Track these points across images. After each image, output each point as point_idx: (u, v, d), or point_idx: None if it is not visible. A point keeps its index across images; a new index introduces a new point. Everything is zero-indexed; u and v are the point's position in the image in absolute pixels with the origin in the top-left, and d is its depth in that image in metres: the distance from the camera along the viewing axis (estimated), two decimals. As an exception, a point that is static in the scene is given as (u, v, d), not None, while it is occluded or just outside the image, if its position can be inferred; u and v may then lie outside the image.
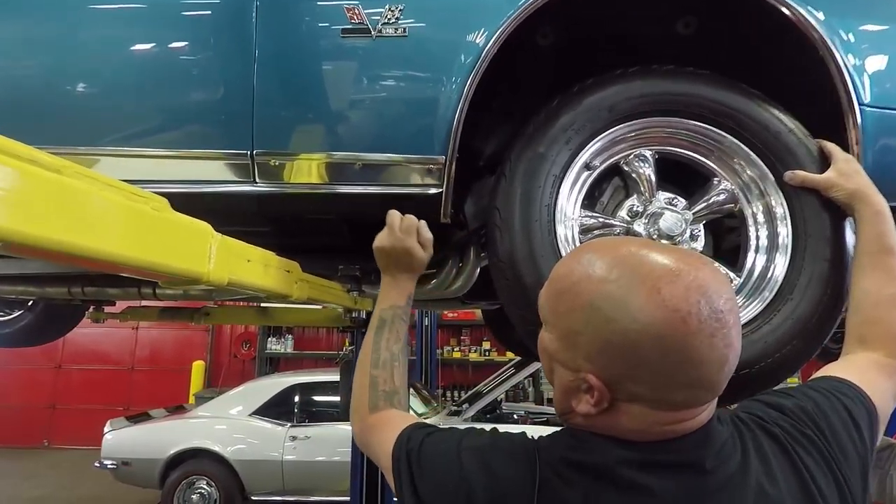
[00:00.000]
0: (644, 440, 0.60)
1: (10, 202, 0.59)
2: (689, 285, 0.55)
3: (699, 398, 0.59)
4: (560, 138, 1.12)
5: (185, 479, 4.81)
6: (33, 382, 8.42)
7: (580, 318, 0.59)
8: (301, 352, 8.29)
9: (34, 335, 3.10)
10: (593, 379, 0.59)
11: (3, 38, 1.32)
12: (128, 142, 1.27)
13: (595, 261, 0.61)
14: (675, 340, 0.54)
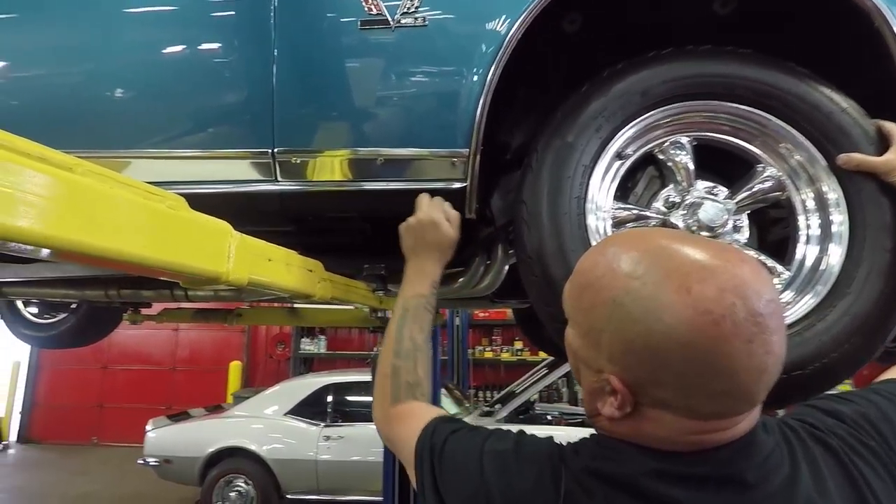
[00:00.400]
0: (675, 450, 0.55)
1: (19, 201, 0.58)
2: (723, 284, 0.50)
3: (733, 408, 0.53)
4: (590, 126, 1.06)
5: (223, 477, 4.92)
6: (82, 382, 8.81)
7: (603, 315, 0.55)
8: (334, 352, 8.38)
9: (78, 337, 3.21)
10: (616, 381, 0.54)
11: (34, 46, 1.35)
12: (154, 144, 1.28)
13: (621, 254, 0.56)
14: (705, 346, 0.49)
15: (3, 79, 1.36)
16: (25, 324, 3.15)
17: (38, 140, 0.65)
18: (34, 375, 8.98)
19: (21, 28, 1.35)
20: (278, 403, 5.23)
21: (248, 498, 4.90)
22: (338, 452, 4.81)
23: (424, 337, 0.94)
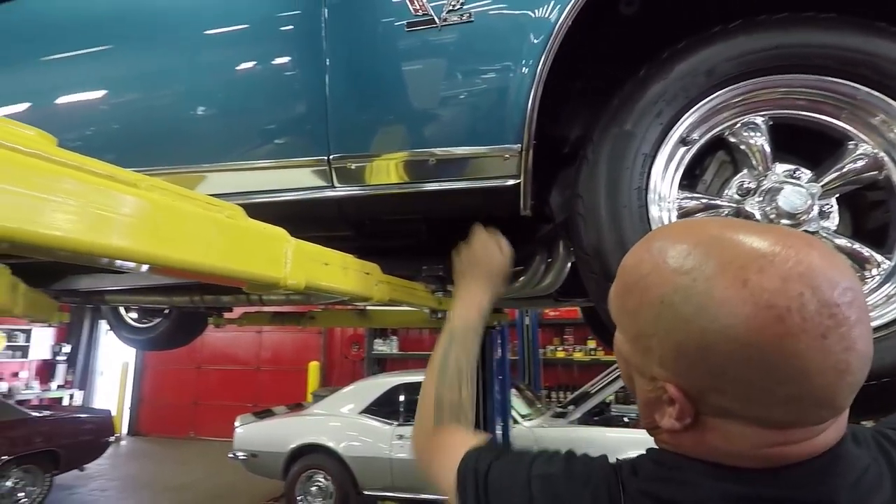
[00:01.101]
0: (748, 466, 0.47)
1: (90, 216, 0.63)
2: (787, 274, 0.42)
3: (810, 416, 0.45)
4: (649, 112, 1.00)
5: (304, 472, 5.15)
6: (180, 381, 9.59)
7: (650, 317, 0.49)
8: (405, 352, 8.54)
9: (171, 340, 3.50)
10: (672, 389, 0.48)
11: (126, 75, 1.47)
12: (222, 158, 1.35)
13: (668, 248, 0.50)
14: (769, 347, 0.41)
15: (100, 106, 1.49)
16: (127, 328, 3.48)
17: (129, 160, 0.72)
18: (139, 375, 9.90)
19: (113, 59, 1.47)
20: (353, 402, 5.40)
21: (328, 493, 5.09)
22: (411, 451, 4.88)
23: (468, 361, 0.90)
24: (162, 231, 0.72)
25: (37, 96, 1.50)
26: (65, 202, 0.62)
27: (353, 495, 5.05)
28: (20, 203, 0.57)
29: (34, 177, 0.59)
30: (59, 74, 1.48)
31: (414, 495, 4.94)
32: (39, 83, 1.49)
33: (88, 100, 1.49)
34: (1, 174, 0.56)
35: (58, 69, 1.47)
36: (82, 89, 1.48)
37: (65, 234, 0.61)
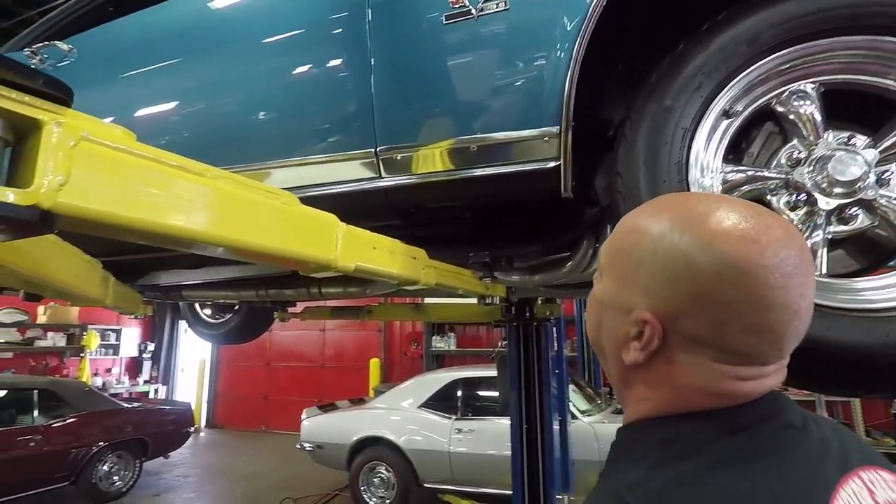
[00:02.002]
0: (714, 406, 0.53)
1: (163, 201, 0.72)
2: (769, 222, 0.52)
3: (762, 351, 0.52)
4: (689, 86, 0.99)
5: (367, 464, 5.33)
6: (251, 377, 10.15)
7: (647, 249, 0.55)
8: (463, 349, 8.61)
9: (241, 334, 3.73)
10: (647, 314, 0.53)
11: (197, 84, 1.61)
12: (282, 155, 1.45)
13: (666, 201, 0.59)
14: (749, 270, 0.49)
15: (173, 116, 1.64)
16: (203, 324, 3.75)
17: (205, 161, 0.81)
18: (215, 372, 10.56)
19: (182, 71, 1.62)
20: (413, 396, 5.52)
21: (390, 484, 5.24)
22: (470, 445, 4.94)
23: None
24: (227, 215, 0.80)
25: (119, 109, 1.67)
26: (145, 189, 0.71)
27: (415, 487, 5.16)
28: (108, 190, 0.67)
29: (120, 168, 0.69)
30: (137, 88, 1.64)
31: (474, 489, 4.98)
32: (121, 97, 1.66)
33: (163, 110, 1.65)
34: (93, 165, 0.66)
35: (136, 84, 1.63)
36: (158, 101, 1.63)
37: (145, 216, 0.70)
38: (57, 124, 0.63)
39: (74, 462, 5.35)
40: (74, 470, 5.37)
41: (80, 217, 0.64)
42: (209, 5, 1.63)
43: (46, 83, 0.64)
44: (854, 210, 0.93)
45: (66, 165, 0.63)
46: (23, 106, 0.62)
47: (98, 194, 0.65)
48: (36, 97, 0.63)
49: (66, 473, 5.33)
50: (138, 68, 1.63)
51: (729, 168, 1.01)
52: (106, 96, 1.70)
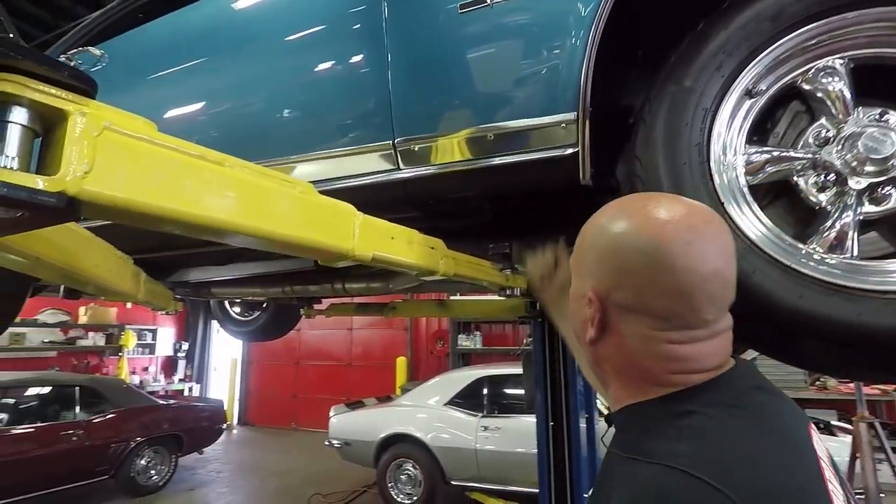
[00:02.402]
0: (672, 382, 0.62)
1: (183, 189, 0.74)
2: (671, 206, 0.63)
3: (681, 314, 0.60)
4: (709, 65, 0.97)
5: (394, 461, 5.36)
6: (281, 376, 10.34)
7: (589, 239, 0.68)
8: (490, 347, 8.59)
9: (269, 331, 3.81)
10: (591, 293, 0.65)
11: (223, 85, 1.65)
12: (304, 150, 1.47)
13: (608, 207, 0.69)
14: (653, 244, 0.60)
15: (199, 117, 1.69)
16: (232, 321, 3.83)
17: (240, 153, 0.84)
18: (246, 370, 10.80)
19: (206, 70, 1.66)
20: (439, 394, 5.54)
21: (417, 481, 5.26)
22: (496, 443, 4.92)
23: None
24: (245, 203, 0.82)
25: (148, 110, 1.73)
26: (165, 177, 0.73)
27: (441, 485, 5.17)
28: (131, 178, 0.69)
29: (141, 156, 0.71)
30: (164, 89, 1.69)
31: (501, 487, 4.96)
32: (149, 98, 1.72)
33: (189, 110, 1.70)
34: (116, 154, 0.68)
35: (163, 84, 1.69)
36: (183, 101, 1.68)
37: (165, 204, 0.73)
38: (81, 114, 0.66)
39: (114, 456, 5.55)
40: (114, 464, 5.57)
41: (103, 204, 0.67)
42: (230, 6, 1.67)
43: (72, 75, 0.66)
44: (887, 189, 0.90)
45: (90, 154, 0.66)
46: (50, 97, 0.64)
47: (120, 182, 0.68)
48: (62, 89, 0.66)
49: (107, 467, 5.53)
50: (164, 70, 1.68)
51: (753, 149, 0.99)
52: (135, 98, 1.76)
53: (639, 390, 0.65)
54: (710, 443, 0.56)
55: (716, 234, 0.62)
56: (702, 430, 0.57)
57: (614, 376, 0.68)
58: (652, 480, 0.54)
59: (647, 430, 0.61)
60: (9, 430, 4.97)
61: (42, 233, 1.06)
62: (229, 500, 5.93)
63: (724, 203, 0.93)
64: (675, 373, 0.62)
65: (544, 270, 1.17)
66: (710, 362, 0.62)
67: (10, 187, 0.59)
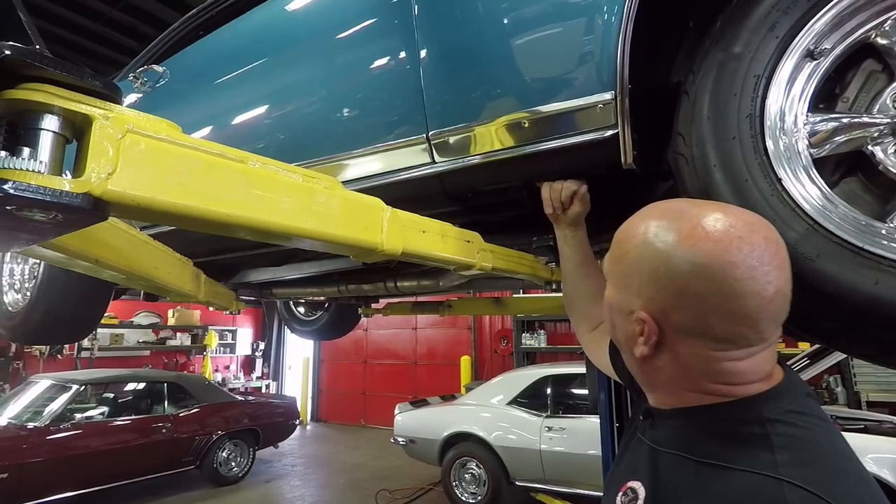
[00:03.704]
0: (728, 394, 0.61)
1: (205, 187, 0.76)
2: (735, 221, 0.59)
3: (745, 336, 0.59)
4: (761, 27, 0.86)
5: (458, 460, 5.36)
6: (350, 374, 10.67)
7: (635, 256, 0.64)
8: (554, 346, 8.40)
9: (332, 331, 3.93)
10: (643, 314, 0.62)
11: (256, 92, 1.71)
12: (341, 149, 1.48)
13: (652, 211, 0.66)
14: (717, 268, 0.57)
15: (246, 122, 1.76)
16: (297, 321, 3.99)
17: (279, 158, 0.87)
18: (317, 368, 11.24)
19: (249, 79, 1.72)
20: (502, 393, 5.47)
21: (481, 481, 5.23)
22: (561, 444, 4.79)
23: None
24: (267, 199, 0.83)
25: (199, 123, 1.82)
26: (188, 176, 0.75)
27: (506, 485, 5.11)
28: (154, 178, 0.72)
29: (164, 157, 0.73)
30: (210, 101, 1.78)
31: (568, 489, 4.82)
32: (199, 111, 1.81)
33: (238, 119, 1.77)
34: (138, 155, 0.70)
35: (208, 96, 1.77)
36: (230, 111, 1.75)
37: (188, 202, 0.74)
38: (105, 118, 0.69)
39: (198, 448, 5.95)
40: (199, 455, 5.98)
41: (128, 204, 0.69)
42: (260, 20, 1.72)
43: (96, 82, 0.69)
44: None
45: (114, 156, 0.68)
46: (76, 104, 0.68)
47: (144, 182, 0.70)
48: (88, 95, 0.69)
49: (192, 458, 5.94)
50: (210, 83, 1.76)
51: (818, 117, 0.87)
52: (185, 111, 1.86)
53: (694, 397, 0.64)
54: (809, 455, 0.56)
55: (776, 251, 0.60)
56: (793, 440, 0.57)
57: (666, 384, 0.67)
58: (761, 493, 0.54)
59: (723, 436, 0.60)
60: (111, 422, 5.45)
61: (99, 236, 1.13)
62: (302, 492, 6.18)
63: (781, 180, 0.83)
64: (733, 384, 0.61)
65: (556, 203, 1.16)
66: (765, 370, 0.62)
67: (38, 190, 0.62)
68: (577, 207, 1.16)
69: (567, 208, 1.16)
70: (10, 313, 2.36)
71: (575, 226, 1.18)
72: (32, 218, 0.67)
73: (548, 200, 1.18)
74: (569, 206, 1.16)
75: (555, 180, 1.22)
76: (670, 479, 0.63)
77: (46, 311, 2.14)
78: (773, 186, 0.82)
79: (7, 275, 2.49)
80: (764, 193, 0.83)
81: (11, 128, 0.67)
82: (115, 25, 6.42)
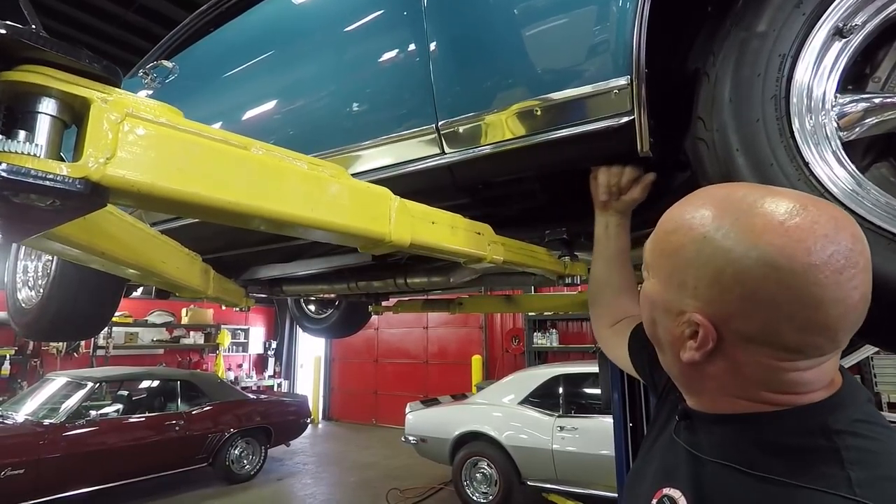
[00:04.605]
0: (785, 402, 0.55)
1: (207, 173, 0.74)
2: (816, 219, 0.51)
3: (818, 346, 0.52)
4: (786, 4, 0.82)
5: (469, 459, 5.33)
6: (361, 373, 10.69)
7: (691, 251, 0.56)
8: (566, 345, 8.33)
9: (342, 329, 3.92)
10: (698, 317, 0.55)
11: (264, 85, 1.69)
12: (350, 141, 1.45)
13: (708, 198, 0.59)
14: (798, 271, 0.49)
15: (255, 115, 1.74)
16: (308, 319, 3.99)
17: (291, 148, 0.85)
18: (329, 367, 11.28)
19: (256, 72, 1.70)
20: (513, 392, 5.43)
21: (492, 480, 5.19)
22: (574, 444, 4.73)
23: None
24: (271, 187, 0.81)
25: (212, 117, 1.81)
26: (189, 162, 0.73)
27: (517, 485, 5.07)
28: (154, 163, 0.69)
29: (164, 142, 0.71)
30: (220, 94, 1.76)
31: (580, 490, 4.77)
32: (210, 104, 1.80)
33: (248, 113, 1.75)
34: (138, 140, 0.68)
35: (219, 89, 1.76)
36: (238, 103, 1.74)
37: (189, 189, 0.72)
38: (104, 101, 0.67)
39: (211, 445, 5.99)
40: (211, 452, 6.01)
41: (127, 189, 0.67)
42: (268, 12, 1.70)
43: (95, 65, 0.67)
44: None
45: (112, 140, 0.66)
46: (74, 86, 0.66)
47: (143, 167, 0.68)
48: (86, 78, 0.67)
49: (205, 455, 5.98)
50: (219, 76, 1.75)
51: (847, 98, 0.83)
52: (195, 106, 1.85)
53: (746, 405, 0.58)
54: (884, 471, 0.51)
55: (862, 251, 0.52)
56: (865, 454, 0.52)
57: (714, 390, 0.60)
58: None
59: (783, 449, 0.54)
60: (125, 419, 5.50)
61: (105, 229, 1.12)
62: (314, 490, 6.19)
63: (809, 164, 0.79)
64: (797, 394, 0.55)
65: (614, 187, 1.12)
66: (829, 378, 0.57)
67: (33, 174, 0.60)
68: (635, 194, 1.12)
69: (623, 195, 1.13)
70: (24, 310, 2.37)
71: (623, 214, 1.15)
72: (31, 204, 0.65)
73: (605, 186, 1.13)
74: (626, 192, 1.12)
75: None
76: (721, 493, 0.57)
77: (59, 308, 2.15)
78: (801, 171, 0.78)
79: (21, 272, 2.51)
80: (790, 178, 0.79)
81: (8, 111, 0.66)
82: (130, 28, 6.51)
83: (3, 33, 0.59)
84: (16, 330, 2.47)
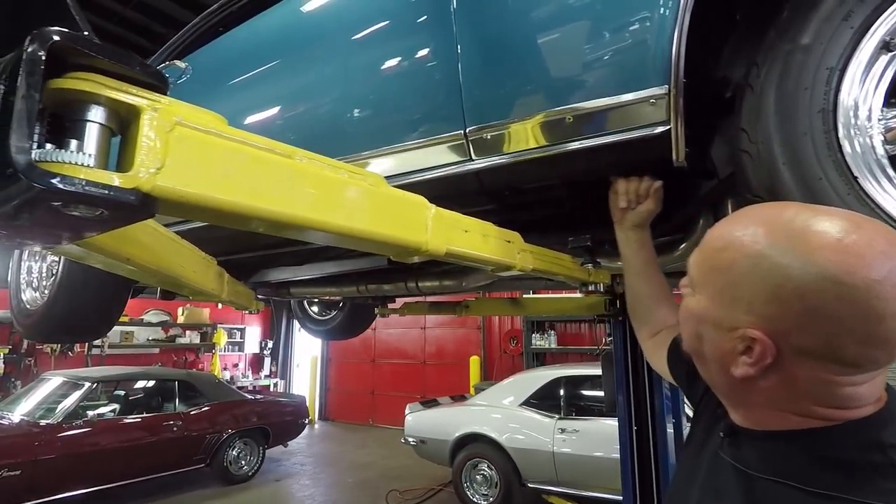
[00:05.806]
0: (836, 417, 0.56)
1: (254, 183, 0.72)
2: (873, 234, 0.53)
3: (877, 359, 0.54)
4: (834, 16, 0.82)
5: (469, 461, 5.32)
6: (358, 373, 10.66)
7: (745, 267, 0.57)
8: (565, 347, 8.35)
9: (346, 330, 3.90)
10: (755, 332, 0.55)
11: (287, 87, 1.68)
12: (377, 145, 1.43)
13: (762, 214, 0.60)
14: (859, 286, 0.50)
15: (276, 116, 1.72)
16: (311, 320, 3.96)
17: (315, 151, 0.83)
18: (325, 367, 11.23)
19: (280, 73, 1.68)
20: (514, 394, 5.43)
21: (492, 482, 5.19)
22: (575, 446, 4.74)
23: None
24: (315, 196, 0.79)
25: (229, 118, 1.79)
26: (235, 171, 0.72)
27: (517, 487, 5.06)
28: (202, 173, 0.68)
29: (212, 151, 0.70)
30: (241, 95, 1.74)
31: (581, 492, 4.77)
32: (229, 105, 1.78)
33: (266, 114, 1.73)
34: (187, 149, 0.67)
35: (240, 90, 1.74)
36: (259, 105, 1.72)
37: (236, 199, 0.71)
38: (154, 110, 0.65)
39: (209, 446, 5.95)
40: (209, 453, 5.97)
41: (176, 200, 0.65)
42: (296, 11, 1.68)
43: (144, 72, 0.66)
44: None
45: (162, 150, 0.65)
46: (124, 94, 0.64)
47: (192, 177, 0.67)
48: (135, 86, 0.66)
49: (203, 456, 5.94)
50: (240, 76, 1.73)
51: (893, 112, 0.83)
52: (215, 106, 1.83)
53: (798, 420, 0.58)
54: None
55: None
56: None
57: (764, 405, 0.61)
58: None
59: (838, 464, 0.55)
60: (122, 420, 5.45)
61: (132, 235, 1.10)
62: (312, 492, 6.17)
63: (857, 178, 0.79)
64: (848, 409, 0.56)
65: (632, 196, 1.15)
66: (879, 393, 0.58)
67: (87, 184, 0.59)
68: (649, 204, 1.14)
69: (640, 203, 1.16)
70: (28, 311, 2.34)
71: (640, 227, 1.17)
72: (76, 214, 0.64)
73: (623, 194, 1.16)
74: (643, 201, 1.15)
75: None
76: None
77: (65, 310, 2.12)
78: (851, 185, 0.78)
79: (25, 272, 2.47)
80: (840, 193, 0.78)
81: (53, 118, 0.64)
82: (128, 24, 6.45)
83: (57, 40, 0.58)
84: (19, 331, 2.43)
